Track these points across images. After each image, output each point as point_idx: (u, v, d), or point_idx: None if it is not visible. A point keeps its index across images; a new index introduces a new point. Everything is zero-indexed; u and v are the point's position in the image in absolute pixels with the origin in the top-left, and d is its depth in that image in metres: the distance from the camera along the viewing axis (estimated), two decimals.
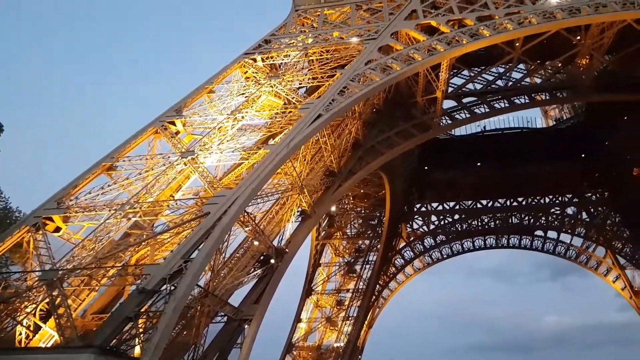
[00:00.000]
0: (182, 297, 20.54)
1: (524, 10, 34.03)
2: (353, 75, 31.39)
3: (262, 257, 31.34)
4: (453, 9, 35.89)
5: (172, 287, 20.39)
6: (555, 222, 72.17)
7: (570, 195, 71.89)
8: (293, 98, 31.72)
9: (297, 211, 35.29)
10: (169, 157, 28.24)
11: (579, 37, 43.16)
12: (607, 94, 46.78)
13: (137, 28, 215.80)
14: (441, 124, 48.01)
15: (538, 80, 54.13)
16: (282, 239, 33.86)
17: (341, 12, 39.33)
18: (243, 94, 33.00)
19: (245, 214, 27.48)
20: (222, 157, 28.42)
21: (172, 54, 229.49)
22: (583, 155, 68.42)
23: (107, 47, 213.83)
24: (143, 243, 24.82)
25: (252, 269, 30.62)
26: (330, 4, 39.81)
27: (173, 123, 30.77)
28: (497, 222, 73.54)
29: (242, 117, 30.76)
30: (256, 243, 29.88)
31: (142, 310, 19.97)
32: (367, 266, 65.38)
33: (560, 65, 49.86)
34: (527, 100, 49.32)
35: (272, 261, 31.11)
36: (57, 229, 25.89)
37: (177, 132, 30.64)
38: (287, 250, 32.79)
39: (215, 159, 28.46)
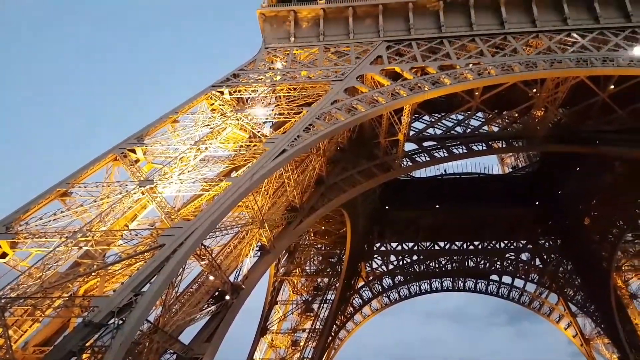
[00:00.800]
0: (130, 332, 19.61)
1: (484, 61, 35.83)
2: (319, 113, 31.95)
3: (216, 293, 30.51)
4: (416, 57, 37.41)
5: (120, 321, 19.47)
6: (510, 267, 73.92)
7: (525, 242, 74.07)
8: (258, 132, 31.86)
9: (257, 246, 34.80)
10: (126, 185, 27.52)
11: (535, 90, 45.66)
12: (560, 145, 49.21)
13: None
14: (402, 165, 49.07)
15: (495, 129, 56.44)
16: (239, 275, 33.15)
17: (310, 53, 40.30)
18: (208, 125, 32.88)
19: (202, 247, 26.87)
20: (182, 188, 27.94)
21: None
22: (537, 203, 71.11)
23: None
24: (93, 273, 23.78)
25: (206, 305, 29.70)
26: (300, 45, 40.80)
27: (133, 151, 30.18)
28: (454, 264, 74.67)
29: (206, 148, 30.52)
30: (211, 278, 29.11)
31: (87, 344, 18.91)
32: (325, 305, 64.64)
33: (516, 115, 52.28)
34: (484, 148, 51.22)
35: (227, 297, 30.30)
36: (4, 255, 24.52)
37: (137, 160, 30.03)
38: (243, 286, 32.06)
39: (175, 189, 27.94)
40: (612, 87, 43.42)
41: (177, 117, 33.60)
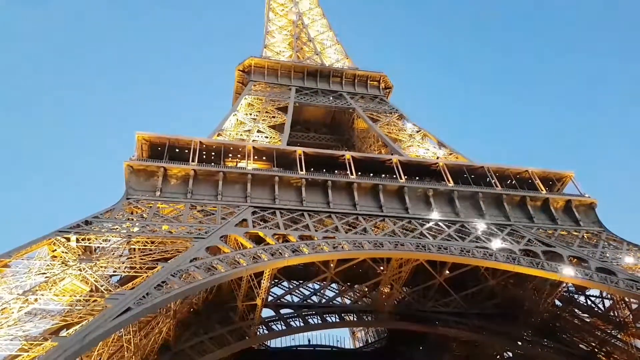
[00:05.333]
0: None
1: (338, 236, 38.72)
2: (175, 270, 30.40)
3: None
4: (279, 225, 39.20)
5: None
6: None
7: None
8: (102, 286, 29.04)
9: None
10: None
11: (382, 268, 49.66)
12: (404, 322, 52.35)
13: None
14: (258, 333, 47.41)
15: (348, 302, 58.66)
16: None
17: (175, 209, 39.88)
18: (44, 273, 29.29)
19: None
20: None
21: None
22: None
23: None
24: None
25: None
26: (165, 200, 40.37)
27: None
28: None
29: (35, 300, 26.73)
30: None
31: None
32: None
33: (366, 290, 55.43)
34: (337, 320, 52.64)
35: None
36: None
37: None
38: None
39: None
40: (448, 272, 49.23)
41: (8, 261, 29.63)
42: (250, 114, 58.47)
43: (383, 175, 49.09)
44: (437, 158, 55.10)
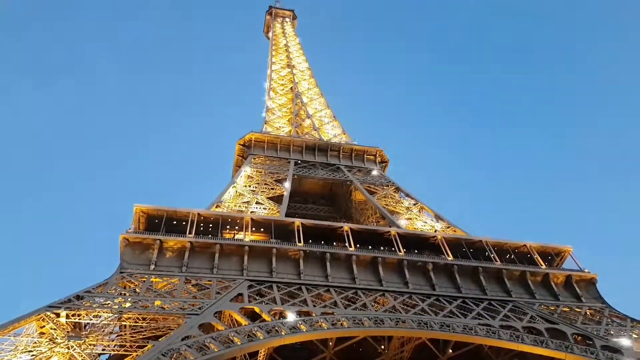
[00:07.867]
0: None
1: (337, 312, 37.50)
2: (166, 349, 29.08)
3: None
4: (276, 300, 38.07)
5: None
6: None
7: None
8: None
9: None
10: None
11: (383, 347, 47.63)
12: None
13: None
14: None
15: None
16: None
17: (169, 283, 38.87)
18: (30, 351, 28.00)
19: None
20: None
21: None
22: None
23: None
24: None
25: None
26: (159, 273, 39.45)
27: None
28: None
29: None
30: None
31: None
32: None
33: None
34: None
35: None
36: None
37: None
38: None
39: None
40: (451, 351, 47.17)
41: None
42: (250, 186, 58.87)
43: (382, 248, 48.55)
44: (435, 231, 54.84)
